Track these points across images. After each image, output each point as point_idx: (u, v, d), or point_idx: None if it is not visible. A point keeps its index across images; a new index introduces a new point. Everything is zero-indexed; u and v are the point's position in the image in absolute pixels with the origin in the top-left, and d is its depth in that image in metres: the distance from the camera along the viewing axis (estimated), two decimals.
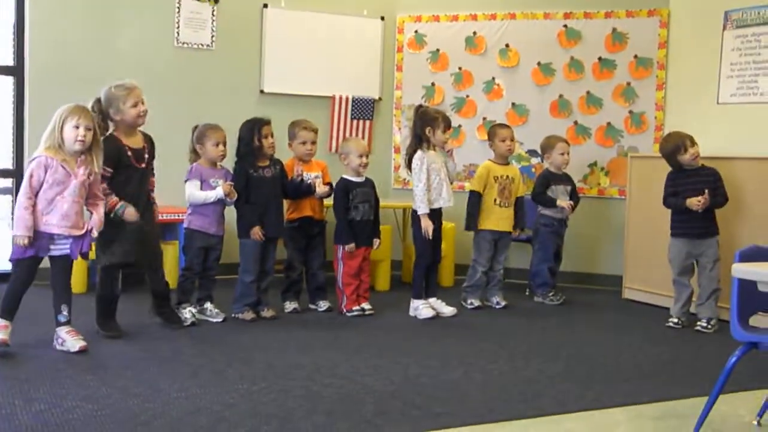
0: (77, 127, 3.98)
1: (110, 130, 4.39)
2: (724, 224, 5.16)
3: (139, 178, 4.43)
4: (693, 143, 5.03)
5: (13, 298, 4.06)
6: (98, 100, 4.36)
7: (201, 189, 4.84)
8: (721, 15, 5.96)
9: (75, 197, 4.03)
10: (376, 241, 5.24)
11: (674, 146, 5.07)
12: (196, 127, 4.92)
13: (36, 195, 3.98)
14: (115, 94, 4.32)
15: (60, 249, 4.09)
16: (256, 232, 4.86)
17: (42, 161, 3.98)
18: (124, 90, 4.32)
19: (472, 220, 5.59)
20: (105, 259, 4.43)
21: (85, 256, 4.21)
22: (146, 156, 4.47)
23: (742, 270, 2.96)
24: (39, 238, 4.01)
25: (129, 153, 4.37)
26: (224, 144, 4.88)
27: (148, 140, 4.52)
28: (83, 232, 4.10)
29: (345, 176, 5.21)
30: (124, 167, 4.36)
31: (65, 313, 4.15)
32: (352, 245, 5.09)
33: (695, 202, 4.98)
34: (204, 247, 4.87)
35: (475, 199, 5.59)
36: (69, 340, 4.10)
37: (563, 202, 5.76)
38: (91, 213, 4.18)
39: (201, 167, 4.86)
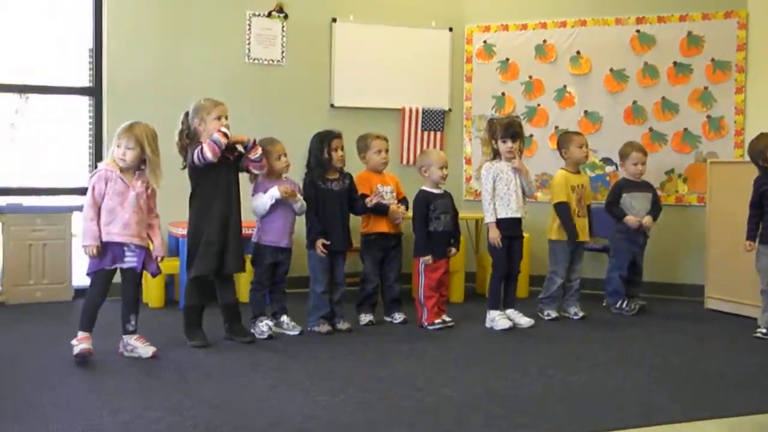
0: (119, 146, 4.20)
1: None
2: None
3: (227, 173, 4.57)
4: None
5: (92, 311, 4.20)
6: (186, 114, 4.57)
7: None
8: None
9: (134, 207, 4.19)
10: (452, 250, 5.20)
11: (767, 144, 4.90)
12: None
13: (100, 207, 4.15)
14: (203, 105, 4.54)
15: (129, 262, 4.23)
16: (318, 245, 4.87)
17: (102, 174, 4.20)
18: (212, 103, 4.53)
19: (571, 230, 5.45)
20: (191, 271, 4.55)
21: (154, 275, 4.41)
22: (232, 162, 4.60)
23: None
24: (107, 250, 4.16)
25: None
26: (285, 155, 4.91)
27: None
28: (146, 245, 4.27)
29: (424, 188, 5.19)
30: (212, 167, 4.48)
31: (133, 322, 4.30)
32: (429, 258, 5.05)
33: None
34: (273, 263, 4.89)
35: (566, 209, 5.47)
36: (140, 346, 4.26)
37: (631, 218, 5.63)
38: (151, 238, 4.31)
39: (265, 181, 4.88)
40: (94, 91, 6.12)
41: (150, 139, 4.22)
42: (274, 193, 4.77)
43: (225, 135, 4.43)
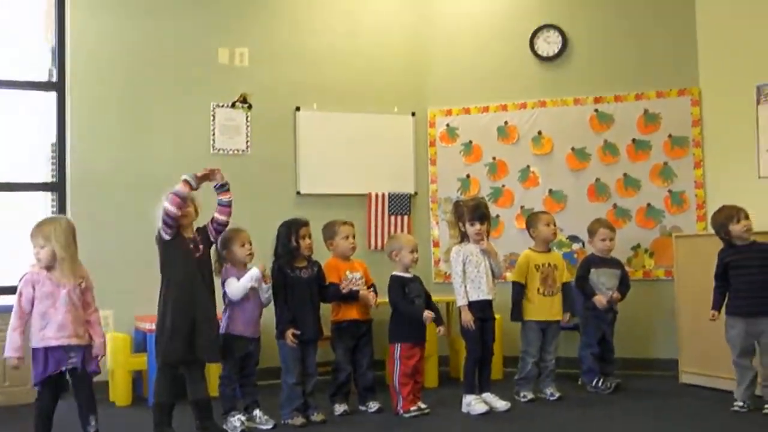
0: (34, 247, 4.09)
1: None
2: None
3: (193, 265, 4.49)
4: (747, 216, 4.95)
5: (44, 420, 4.05)
6: None
7: None
8: (753, 89, 5.97)
9: (67, 306, 4.04)
10: (440, 329, 5.16)
11: (726, 216, 5.00)
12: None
13: (30, 313, 4.00)
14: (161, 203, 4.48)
15: (71, 362, 4.07)
16: (289, 336, 4.80)
17: (28, 278, 4.05)
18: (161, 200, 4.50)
19: (516, 310, 5.53)
20: (160, 358, 4.45)
21: (94, 374, 4.23)
22: (201, 248, 4.53)
23: None
24: (48, 355, 4.00)
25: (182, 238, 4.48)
26: (250, 243, 4.89)
27: (201, 232, 4.62)
28: (86, 342, 4.12)
29: (396, 273, 5.16)
30: (180, 251, 4.45)
31: (93, 423, 4.15)
32: (428, 315, 5.00)
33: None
34: (243, 354, 4.81)
35: (518, 290, 5.53)
36: None
37: (600, 298, 5.65)
38: (90, 335, 4.17)
39: (233, 269, 4.85)
40: (58, 186, 6.06)
41: (60, 234, 4.08)
42: (254, 273, 4.72)
43: (186, 182, 4.40)
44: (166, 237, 4.43)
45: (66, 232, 4.11)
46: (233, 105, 6.43)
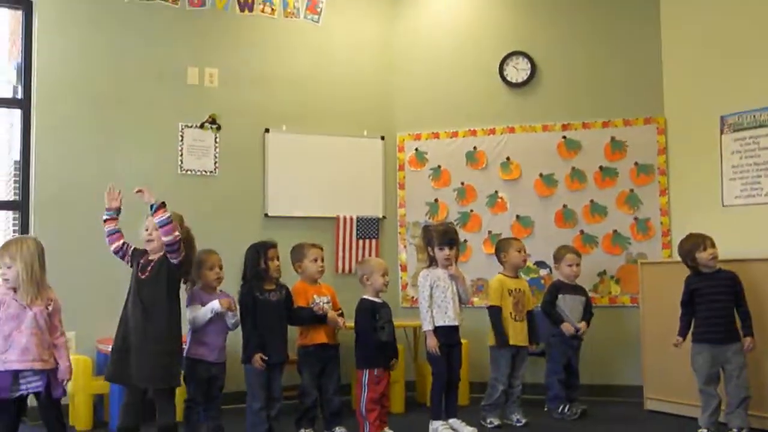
0: (0, 267, 4.04)
1: None
2: None
3: (134, 288, 4.42)
4: (713, 244, 5.01)
5: None
6: None
7: None
8: (717, 119, 6.06)
9: (32, 329, 3.96)
10: (394, 362, 5.10)
11: (693, 244, 5.05)
12: None
13: None
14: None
15: (33, 386, 3.98)
16: (257, 359, 4.75)
17: None
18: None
19: (500, 335, 5.48)
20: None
21: (58, 399, 4.14)
22: (149, 269, 4.41)
23: None
24: (3, 379, 3.91)
25: (141, 260, 4.46)
26: (220, 267, 4.85)
27: (162, 259, 4.45)
28: (51, 366, 4.03)
29: (367, 297, 5.09)
30: (132, 273, 4.46)
31: None
32: (381, 369, 4.93)
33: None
34: (207, 378, 4.74)
35: (497, 313, 5.50)
36: None
37: (568, 326, 5.68)
38: (57, 361, 4.08)
39: (201, 292, 4.81)
40: (20, 204, 5.95)
41: (26, 254, 4.01)
42: (214, 305, 4.67)
43: (105, 221, 4.51)
44: (128, 265, 4.49)
45: (32, 253, 4.05)
46: (202, 126, 6.39)
